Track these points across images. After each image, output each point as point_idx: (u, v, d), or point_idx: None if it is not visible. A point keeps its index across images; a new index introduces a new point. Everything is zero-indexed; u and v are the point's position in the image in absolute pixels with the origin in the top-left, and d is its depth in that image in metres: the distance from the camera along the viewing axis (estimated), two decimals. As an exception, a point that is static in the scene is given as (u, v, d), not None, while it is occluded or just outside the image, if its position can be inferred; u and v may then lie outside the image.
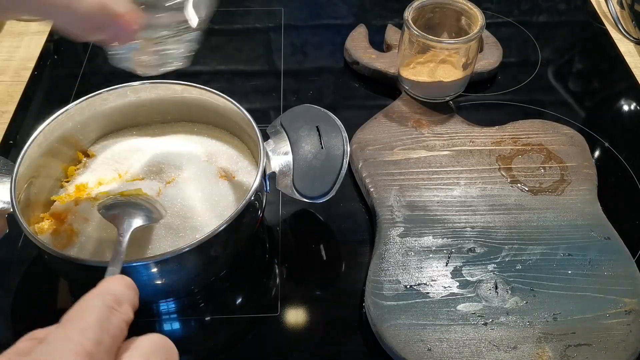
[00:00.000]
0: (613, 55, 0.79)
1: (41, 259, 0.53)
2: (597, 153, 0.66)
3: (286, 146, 0.52)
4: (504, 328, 0.48)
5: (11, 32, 0.81)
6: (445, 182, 0.59)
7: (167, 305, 0.52)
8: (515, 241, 0.54)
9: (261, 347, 0.50)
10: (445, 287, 0.51)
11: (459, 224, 0.55)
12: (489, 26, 0.79)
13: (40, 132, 0.50)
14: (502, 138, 0.64)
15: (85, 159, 0.55)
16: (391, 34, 0.77)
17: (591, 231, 0.55)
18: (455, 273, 0.52)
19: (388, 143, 0.63)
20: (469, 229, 0.55)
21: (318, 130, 0.52)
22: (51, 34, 0.80)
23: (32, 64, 0.75)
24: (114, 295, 0.30)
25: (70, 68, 0.75)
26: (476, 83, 0.73)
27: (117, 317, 0.29)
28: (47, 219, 0.49)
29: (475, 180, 0.59)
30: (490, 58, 0.74)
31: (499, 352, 0.47)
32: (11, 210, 0.45)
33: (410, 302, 0.49)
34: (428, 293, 0.50)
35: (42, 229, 0.48)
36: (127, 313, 0.30)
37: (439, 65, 0.65)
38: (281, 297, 0.53)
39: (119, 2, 0.37)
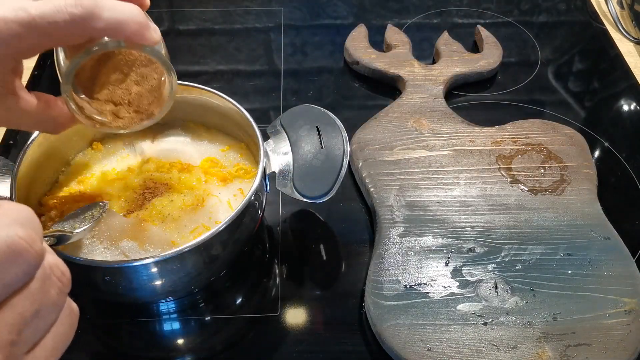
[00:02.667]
0: (613, 55, 0.79)
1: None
2: (597, 153, 0.66)
3: (286, 146, 0.52)
4: (504, 328, 0.48)
5: (11, 32, 0.81)
6: (445, 182, 0.59)
7: (167, 305, 0.52)
8: (515, 241, 0.54)
9: (261, 347, 0.50)
10: (445, 287, 0.51)
11: (459, 224, 0.55)
12: (489, 26, 0.79)
13: (40, 132, 0.50)
14: (502, 138, 0.64)
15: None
16: (391, 34, 0.77)
17: (591, 231, 0.55)
18: (455, 273, 0.52)
19: (388, 143, 0.63)
20: (469, 228, 0.55)
21: (318, 130, 0.52)
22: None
23: (32, 64, 0.75)
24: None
25: (70, 68, 0.75)
26: (476, 83, 0.74)
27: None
28: (47, 219, 0.49)
29: (475, 180, 0.59)
30: (490, 58, 0.74)
31: (498, 352, 0.47)
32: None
33: (410, 302, 0.49)
34: (428, 293, 0.50)
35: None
36: None
37: None
38: (281, 297, 0.53)
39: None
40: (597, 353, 0.47)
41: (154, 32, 0.38)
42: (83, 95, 0.40)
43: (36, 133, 0.50)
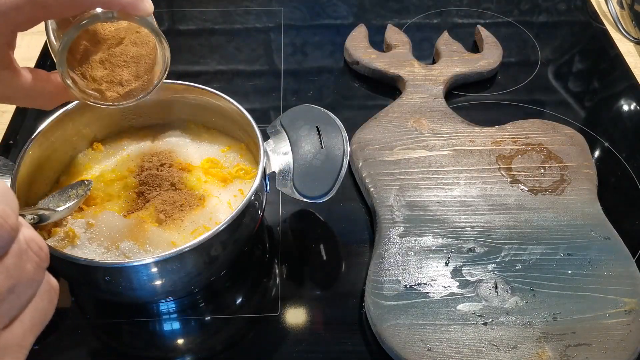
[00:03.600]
0: (613, 55, 0.79)
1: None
2: (597, 153, 0.66)
3: (286, 146, 0.52)
4: (504, 328, 0.48)
5: (11, 32, 0.81)
6: (445, 181, 0.59)
7: (167, 305, 0.52)
8: (515, 241, 0.54)
9: (261, 347, 0.50)
10: (445, 287, 0.51)
11: (459, 224, 0.55)
12: (489, 26, 0.79)
13: (40, 132, 0.50)
14: (502, 138, 0.64)
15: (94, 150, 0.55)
16: (391, 34, 0.77)
17: (591, 231, 0.55)
18: (455, 273, 0.52)
19: (388, 143, 0.63)
20: (469, 228, 0.55)
21: (318, 130, 0.52)
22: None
23: (32, 64, 0.75)
24: None
25: (70, 68, 0.75)
26: (476, 83, 0.74)
27: None
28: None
29: (475, 180, 0.59)
30: (490, 58, 0.74)
31: (498, 352, 0.47)
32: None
33: (410, 302, 0.49)
34: (428, 293, 0.50)
35: (42, 229, 0.48)
36: None
37: None
38: (281, 297, 0.53)
39: None
40: (597, 353, 0.47)
41: (147, 3, 0.39)
42: (77, 71, 0.41)
43: (36, 132, 0.50)
